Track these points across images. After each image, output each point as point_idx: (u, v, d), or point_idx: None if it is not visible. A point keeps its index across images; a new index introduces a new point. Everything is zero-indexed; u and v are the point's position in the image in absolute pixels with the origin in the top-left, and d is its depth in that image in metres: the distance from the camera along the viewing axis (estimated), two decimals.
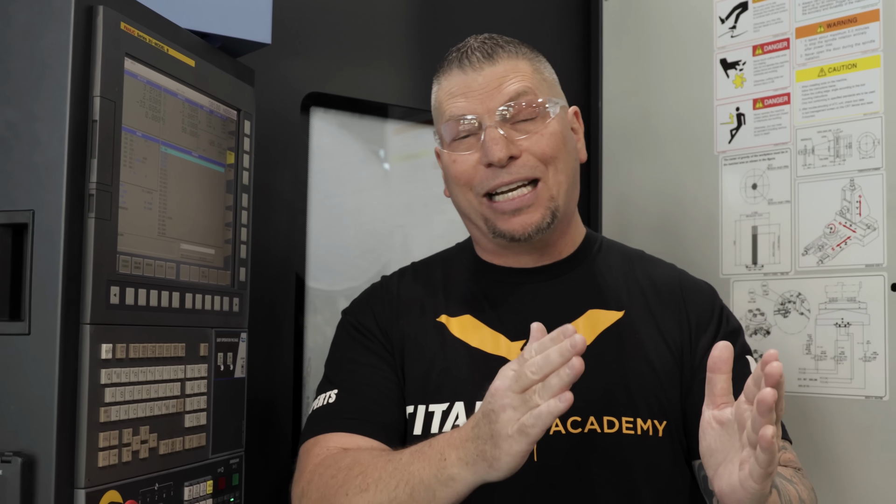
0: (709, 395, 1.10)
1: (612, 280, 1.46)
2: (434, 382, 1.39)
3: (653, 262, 1.53)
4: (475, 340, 1.41)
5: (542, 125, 1.36)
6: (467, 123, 1.36)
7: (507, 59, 1.38)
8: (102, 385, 1.10)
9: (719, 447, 1.08)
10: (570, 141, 1.42)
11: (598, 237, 1.53)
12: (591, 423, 1.34)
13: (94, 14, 1.10)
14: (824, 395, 1.68)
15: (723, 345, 1.08)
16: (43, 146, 1.07)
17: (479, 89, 1.36)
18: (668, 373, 1.39)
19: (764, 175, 1.78)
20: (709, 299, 1.47)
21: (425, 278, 1.50)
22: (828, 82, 1.71)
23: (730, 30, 1.86)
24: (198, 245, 1.31)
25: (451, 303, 1.45)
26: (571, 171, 1.41)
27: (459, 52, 1.40)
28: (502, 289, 1.45)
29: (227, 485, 1.37)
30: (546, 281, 1.45)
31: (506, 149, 1.33)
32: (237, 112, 1.41)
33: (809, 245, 1.71)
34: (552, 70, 1.47)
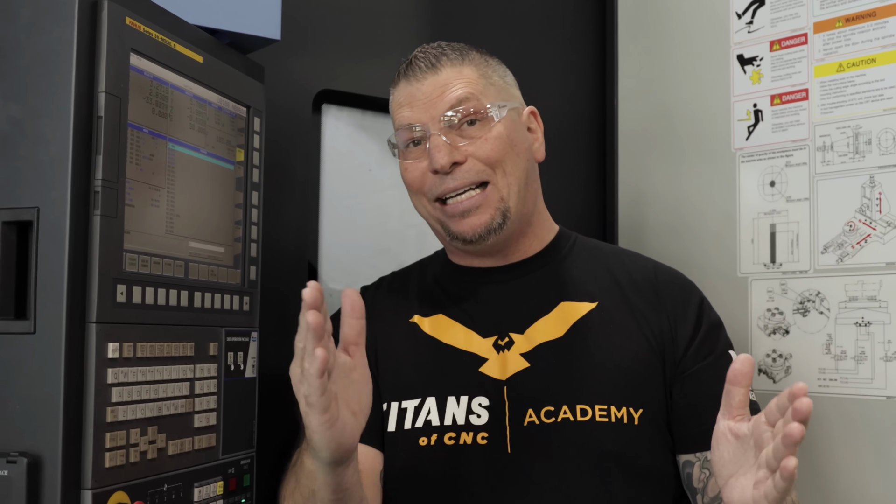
0: (725, 406, 1.10)
1: (584, 274, 1.48)
2: (405, 379, 1.43)
3: (628, 255, 1.55)
4: (447, 337, 1.44)
5: (487, 129, 1.39)
6: (414, 132, 1.40)
7: (450, 66, 1.41)
8: (109, 384, 1.08)
9: (733, 459, 1.09)
10: (520, 142, 1.43)
11: (571, 235, 1.55)
12: (564, 412, 1.35)
13: (98, 9, 1.08)
14: (844, 396, 1.65)
15: (744, 357, 1.08)
16: (48, 143, 1.05)
17: (423, 98, 1.40)
18: (645, 361, 1.39)
19: (782, 172, 1.76)
20: (685, 290, 1.48)
21: (400, 284, 1.55)
22: (846, 77, 1.68)
23: (746, 25, 1.83)
24: (207, 243, 1.29)
25: (424, 304, 1.49)
26: (522, 172, 1.42)
27: (406, 62, 1.44)
28: (472, 288, 1.48)
29: (238, 486, 1.35)
30: (516, 278, 1.47)
31: (448, 155, 1.36)
32: (247, 109, 1.39)
33: (829, 243, 1.68)
34: (506, 72, 1.50)
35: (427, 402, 1.40)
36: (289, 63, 1.76)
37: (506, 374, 1.39)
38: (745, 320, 1.79)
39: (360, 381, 1.14)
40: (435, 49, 1.44)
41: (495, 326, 1.43)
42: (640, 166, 2.02)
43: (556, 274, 1.48)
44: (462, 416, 1.37)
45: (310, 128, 1.81)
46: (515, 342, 1.41)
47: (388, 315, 1.50)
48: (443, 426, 1.38)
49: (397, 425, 1.40)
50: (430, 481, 1.37)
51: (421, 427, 1.39)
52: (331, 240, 1.86)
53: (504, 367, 1.40)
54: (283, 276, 1.75)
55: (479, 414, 1.37)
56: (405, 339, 1.46)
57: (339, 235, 1.87)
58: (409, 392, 1.42)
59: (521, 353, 1.40)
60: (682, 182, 1.93)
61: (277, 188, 1.75)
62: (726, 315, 1.78)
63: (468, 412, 1.37)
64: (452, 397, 1.39)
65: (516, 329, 1.42)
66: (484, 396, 1.38)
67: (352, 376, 1.12)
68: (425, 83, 1.41)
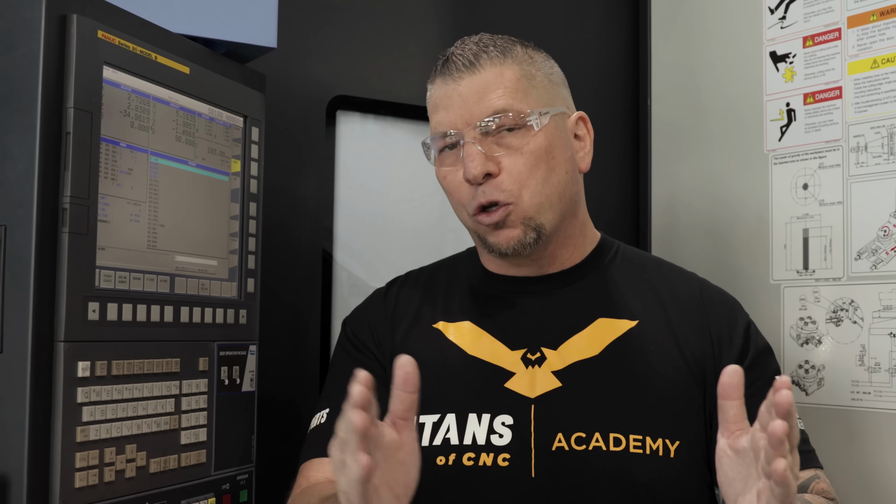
0: (722, 423, 1.02)
1: (625, 288, 1.38)
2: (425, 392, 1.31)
3: (672, 270, 1.44)
4: (473, 348, 1.35)
5: (525, 140, 1.29)
6: (449, 138, 1.31)
7: (490, 66, 1.30)
8: (79, 404, 1.07)
9: (737, 476, 1.00)
10: (560, 153, 1.32)
11: (613, 244, 1.45)
12: (597, 440, 1.26)
13: (67, 23, 1.07)
14: (878, 410, 1.57)
15: (732, 370, 1.00)
16: (14, 160, 1.05)
17: (459, 100, 1.30)
18: (684, 389, 1.30)
19: (815, 174, 1.68)
20: (732, 312, 1.38)
21: (426, 283, 1.45)
22: (881, 74, 1.59)
23: (779, 21, 1.75)
24: (196, 256, 1.28)
25: (450, 308, 1.40)
26: (557, 186, 1.31)
27: (444, 58, 1.34)
28: (505, 297, 1.39)
29: (234, 502, 1.34)
30: (552, 290, 1.38)
31: (482, 166, 1.27)
32: (244, 119, 1.37)
33: (862, 249, 1.60)
34: (553, 69, 1.39)
35: (447, 418, 1.31)
36: (303, 69, 1.74)
37: (535, 391, 1.30)
38: (778, 330, 1.71)
39: (408, 461, 1.02)
40: (475, 45, 1.33)
41: (526, 339, 1.34)
42: (673, 169, 1.96)
43: (595, 287, 1.38)
44: (483, 436, 1.28)
45: (323, 135, 1.79)
46: (547, 358, 1.31)
47: (410, 317, 1.41)
48: (462, 445, 1.28)
49: None
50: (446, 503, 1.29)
51: (439, 445, 1.30)
52: (345, 248, 1.84)
53: (533, 385, 1.30)
54: (293, 288, 1.74)
55: (501, 434, 1.28)
56: (427, 347, 1.36)
57: (358, 244, 1.85)
58: (428, 406, 1.30)
59: (553, 370, 1.30)
60: (715, 185, 1.86)
61: (290, 198, 1.74)
62: (758, 324, 1.70)
63: (489, 431, 1.28)
64: (473, 414, 1.30)
65: (549, 344, 1.33)
66: (508, 415, 1.29)
67: (398, 456, 1.00)
68: (462, 83, 1.30)
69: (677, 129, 1.95)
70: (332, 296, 1.80)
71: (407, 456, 1.02)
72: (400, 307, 1.43)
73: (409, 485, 1.03)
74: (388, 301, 1.44)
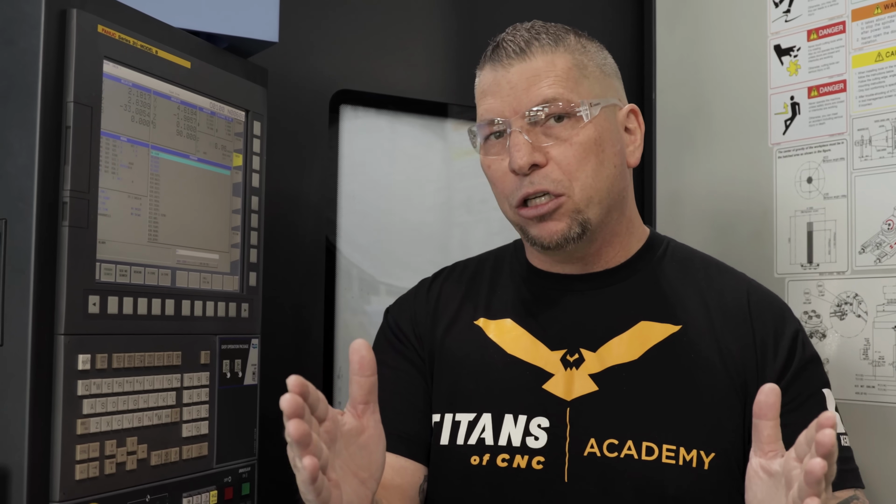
0: (756, 443, 1.00)
1: (672, 290, 1.33)
2: (462, 390, 1.32)
3: (720, 271, 1.39)
4: (512, 346, 1.33)
5: (574, 131, 1.25)
6: (496, 126, 1.27)
7: (541, 54, 1.26)
8: (80, 396, 1.08)
9: (766, 499, 0.99)
10: (610, 146, 1.28)
11: (663, 241, 1.40)
12: (629, 448, 1.23)
13: (67, 18, 1.07)
14: (882, 404, 1.56)
15: (769, 388, 0.97)
16: (14, 154, 1.05)
17: (508, 88, 1.26)
18: (723, 400, 1.26)
19: (819, 168, 1.67)
20: (780, 318, 1.32)
21: (471, 277, 1.42)
22: (885, 67, 1.59)
23: (784, 14, 1.75)
24: (197, 250, 1.28)
25: (492, 304, 1.37)
26: (606, 181, 1.27)
27: (494, 44, 1.30)
28: (548, 295, 1.35)
29: (236, 494, 1.34)
30: (596, 289, 1.34)
31: (528, 156, 1.23)
32: (245, 113, 1.38)
33: (867, 243, 1.59)
34: (606, 60, 1.35)
35: (483, 417, 1.29)
36: (306, 63, 1.74)
37: (571, 394, 1.27)
38: None
39: (370, 444, 1.02)
40: (527, 32, 1.29)
41: (566, 340, 1.31)
42: (678, 163, 1.95)
43: (639, 288, 1.34)
44: (518, 438, 1.26)
45: (326, 129, 1.79)
46: (586, 360, 1.29)
47: (452, 312, 1.39)
48: (497, 446, 1.27)
49: (450, 439, 1.30)
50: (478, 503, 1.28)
51: (474, 444, 1.28)
52: (349, 242, 1.84)
53: (570, 387, 1.28)
54: (297, 282, 1.74)
55: (536, 436, 1.26)
56: (467, 344, 1.35)
57: (359, 237, 1.85)
58: (465, 405, 1.31)
59: (590, 373, 1.28)
60: (718, 178, 1.86)
61: (294, 192, 1.74)
62: None
63: (525, 433, 1.26)
64: (510, 415, 1.28)
65: (589, 346, 1.30)
66: (544, 417, 1.27)
67: (360, 441, 1.01)
68: (512, 70, 1.26)
69: (682, 123, 1.95)
70: (335, 289, 1.80)
71: (369, 440, 1.02)
72: (442, 301, 1.41)
73: (374, 468, 1.03)
74: (432, 294, 1.42)
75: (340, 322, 1.79)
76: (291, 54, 1.72)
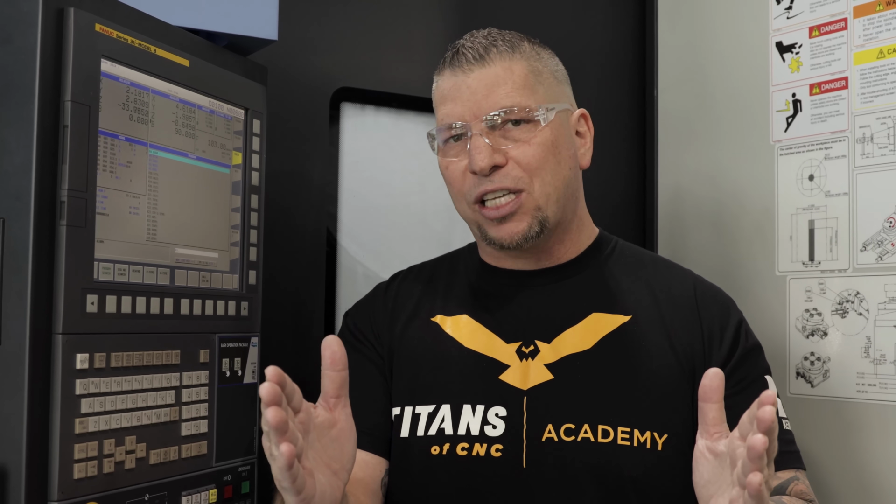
0: (701, 425, 1.05)
1: (620, 284, 1.39)
2: (421, 383, 1.36)
3: (668, 267, 1.45)
4: (469, 340, 1.38)
5: (532, 133, 1.30)
6: (455, 129, 1.33)
7: (499, 60, 1.32)
8: (78, 396, 1.07)
9: (712, 479, 1.03)
10: (565, 148, 1.34)
11: (611, 240, 1.46)
12: (585, 431, 1.28)
13: (64, 16, 1.07)
14: (883, 402, 1.56)
15: (713, 373, 1.03)
16: (12, 153, 1.05)
17: (467, 93, 1.31)
18: (673, 384, 1.31)
19: (821, 165, 1.67)
20: (725, 309, 1.38)
21: (427, 278, 1.48)
22: (887, 64, 1.58)
23: (785, 10, 1.74)
24: (197, 249, 1.28)
25: (448, 302, 1.42)
26: (562, 180, 1.33)
27: (453, 50, 1.35)
28: (502, 290, 1.41)
29: (236, 493, 1.34)
30: (548, 284, 1.39)
31: (489, 158, 1.28)
32: (245, 111, 1.37)
33: (868, 240, 1.59)
34: (558, 66, 1.40)
35: (442, 409, 1.34)
36: (306, 61, 1.74)
37: (527, 384, 1.32)
38: (784, 321, 1.71)
39: (342, 437, 1.08)
40: (485, 38, 1.34)
41: (521, 332, 1.36)
42: (680, 160, 1.95)
43: (590, 282, 1.40)
44: (477, 427, 1.31)
45: (327, 127, 1.79)
46: (541, 351, 1.34)
47: (409, 310, 1.43)
48: (456, 435, 1.31)
49: (410, 431, 1.35)
50: (439, 492, 1.32)
51: (434, 435, 1.33)
52: (351, 240, 1.84)
53: (526, 377, 1.33)
54: (297, 280, 1.74)
55: (494, 425, 1.31)
56: (424, 340, 1.40)
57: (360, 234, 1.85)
58: (424, 397, 1.36)
59: (545, 363, 1.33)
60: (721, 175, 1.85)
61: (294, 191, 1.74)
62: (764, 316, 1.71)
63: (483, 422, 1.31)
64: (468, 405, 1.33)
65: (543, 337, 1.35)
66: (502, 406, 1.31)
67: (331, 433, 1.07)
68: (472, 76, 1.31)
69: (683, 120, 1.95)
70: (336, 287, 1.80)
71: (340, 433, 1.07)
72: (400, 301, 1.45)
73: (346, 460, 1.09)
74: (389, 295, 1.47)
75: (340, 320, 1.79)
76: (292, 52, 1.72)
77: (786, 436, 1.31)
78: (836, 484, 1.61)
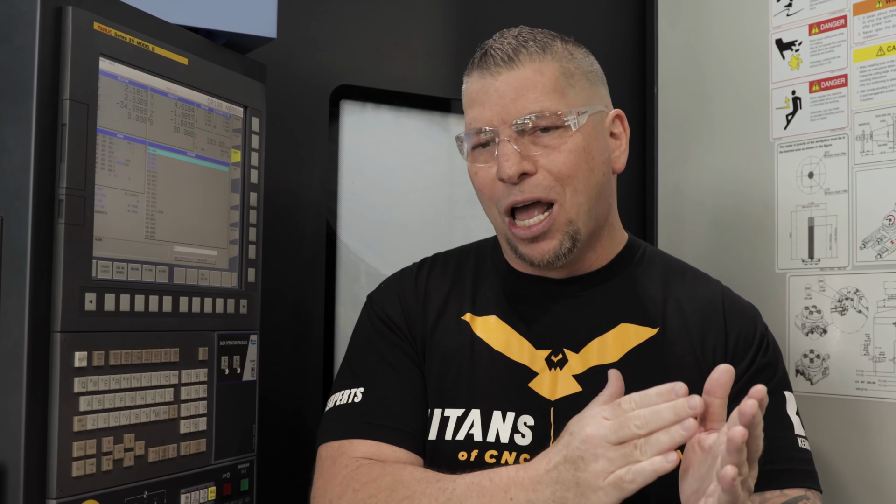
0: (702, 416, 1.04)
1: (650, 294, 1.36)
2: (451, 385, 1.32)
3: (696, 277, 1.41)
4: (499, 344, 1.34)
5: (562, 139, 1.25)
6: (484, 134, 1.28)
7: (529, 62, 1.26)
8: (76, 393, 1.08)
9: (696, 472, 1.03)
10: (598, 153, 1.29)
11: (640, 246, 1.42)
12: None
13: (63, 15, 1.07)
14: (883, 400, 1.56)
15: (723, 368, 1.01)
16: (10, 151, 1.05)
17: (496, 96, 1.26)
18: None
19: (820, 163, 1.67)
20: (752, 323, 1.35)
21: (455, 271, 1.42)
22: (886, 62, 1.58)
23: (785, 8, 1.74)
24: (195, 247, 1.28)
25: (478, 300, 1.38)
26: (595, 188, 1.29)
27: (482, 51, 1.30)
28: (530, 295, 1.36)
29: (235, 491, 1.34)
30: (578, 293, 1.35)
31: (517, 165, 1.24)
32: (244, 109, 1.38)
33: (867, 238, 1.59)
34: (592, 66, 1.35)
35: (471, 413, 1.29)
36: (306, 58, 1.74)
37: (555, 394, 1.29)
38: (783, 319, 1.71)
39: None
40: (514, 39, 1.28)
41: (550, 340, 1.32)
42: (680, 158, 1.95)
43: (619, 291, 1.36)
44: (507, 434, 1.27)
45: (327, 124, 1.79)
46: (569, 361, 1.30)
47: (439, 305, 1.38)
48: (485, 442, 1.28)
49: (438, 434, 1.30)
50: None
51: (462, 440, 1.29)
52: (350, 237, 1.84)
53: (554, 387, 1.29)
54: (297, 278, 1.74)
55: (523, 433, 1.27)
56: (454, 339, 1.35)
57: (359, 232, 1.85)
58: (453, 400, 1.31)
59: (573, 374, 1.29)
60: (721, 173, 1.85)
61: (294, 188, 1.74)
62: (764, 313, 1.69)
63: (513, 430, 1.28)
64: (498, 412, 1.29)
65: (572, 346, 1.31)
66: (530, 415, 1.28)
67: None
68: (500, 79, 1.26)
69: (683, 118, 1.95)
70: (335, 284, 1.80)
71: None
72: (430, 294, 1.40)
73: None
74: (420, 283, 1.41)
75: (340, 317, 1.79)
76: (291, 49, 1.72)
77: (802, 455, 1.28)
78: (836, 481, 1.61)
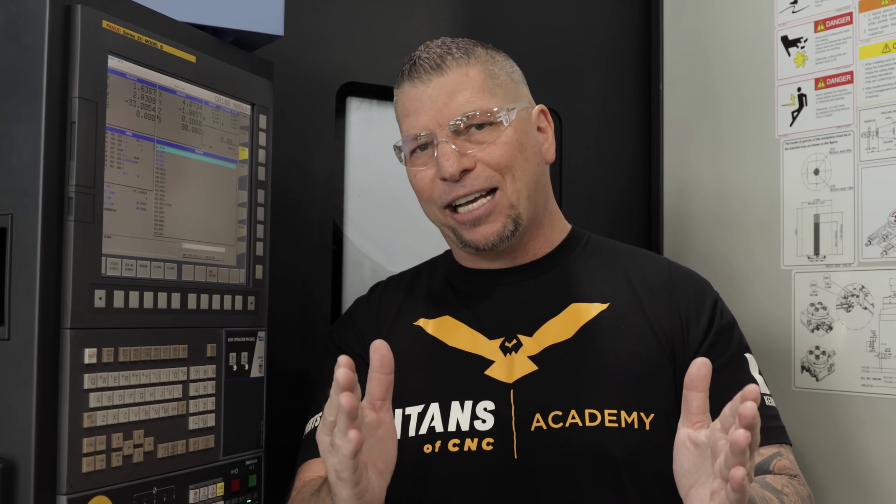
0: (685, 413, 1.06)
1: (596, 275, 1.42)
2: (409, 385, 1.37)
3: (643, 255, 1.49)
4: (452, 339, 1.40)
5: (496, 134, 1.34)
6: (421, 139, 1.36)
7: (456, 67, 1.36)
8: (86, 390, 1.08)
9: (693, 469, 1.05)
10: (530, 145, 1.38)
11: (584, 235, 1.49)
12: (573, 417, 1.29)
13: (72, 13, 1.08)
14: (889, 396, 1.56)
15: (700, 361, 1.04)
16: (20, 149, 1.06)
17: (428, 103, 1.35)
18: (656, 364, 1.34)
19: (826, 160, 1.67)
20: (700, 290, 1.42)
21: (407, 285, 1.51)
22: (892, 59, 1.58)
23: (791, 4, 1.74)
24: (204, 244, 1.29)
25: (430, 305, 1.45)
26: (532, 175, 1.37)
27: (410, 63, 1.39)
28: (480, 289, 1.44)
29: (243, 486, 1.35)
30: (525, 280, 1.43)
31: (457, 163, 1.32)
32: (251, 106, 1.38)
33: (873, 235, 1.59)
34: (513, 68, 1.43)
35: (430, 407, 1.35)
36: (312, 56, 1.74)
37: (513, 377, 1.34)
38: (789, 315, 1.71)
39: (386, 438, 1.11)
40: (439, 48, 1.38)
41: (503, 328, 1.39)
42: (685, 155, 1.95)
43: (566, 275, 1.43)
44: (466, 422, 1.33)
45: (333, 121, 1.79)
46: (524, 344, 1.36)
47: (392, 317, 1.46)
48: (447, 432, 1.33)
49: (402, 433, 1.35)
50: (435, 489, 1.33)
51: (425, 434, 1.34)
52: (357, 234, 1.84)
53: (511, 370, 1.35)
54: (304, 274, 1.75)
55: (483, 419, 1.32)
56: (409, 343, 1.41)
57: (366, 229, 1.85)
58: (412, 398, 1.37)
59: (528, 355, 1.35)
60: (726, 171, 1.86)
61: (301, 185, 1.75)
62: (769, 310, 1.72)
63: (472, 417, 1.33)
64: (456, 402, 1.34)
65: (525, 331, 1.38)
66: (489, 401, 1.33)
67: (377, 434, 1.10)
68: (431, 85, 1.36)
69: (689, 115, 1.95)
70: (342, 280, 1.80)
71: (385, 434, 1.10)
72: (383, 308, 1.48)
73: (390, 461, 1.12)
74: (372, 304, 1.50)
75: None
76: (298, 47, 1.72)
77: (769, 412, 1.32)
78: (840, 478, 1.61)
